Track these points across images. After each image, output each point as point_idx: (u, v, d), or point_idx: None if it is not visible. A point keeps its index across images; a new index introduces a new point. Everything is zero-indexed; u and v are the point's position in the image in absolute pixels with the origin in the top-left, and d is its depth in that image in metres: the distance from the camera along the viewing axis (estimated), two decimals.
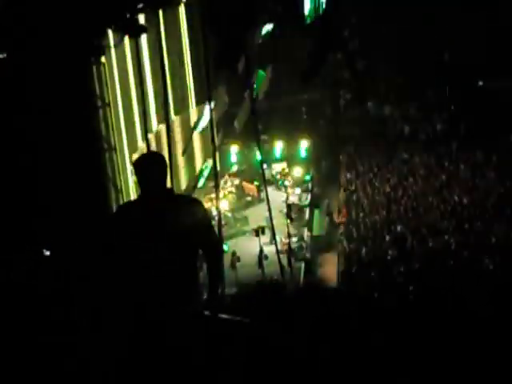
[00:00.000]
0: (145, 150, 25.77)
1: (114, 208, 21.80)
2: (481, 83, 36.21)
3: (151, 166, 5.48)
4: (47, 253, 17.35)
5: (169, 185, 5.63)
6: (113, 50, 23.50)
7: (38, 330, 5.69)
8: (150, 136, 26.50)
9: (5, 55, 16.89)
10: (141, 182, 5.47)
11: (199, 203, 5.69)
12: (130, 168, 25.51)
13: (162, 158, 5.62)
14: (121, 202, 22.64)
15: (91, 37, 19.10)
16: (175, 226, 5.39)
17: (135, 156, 25.64)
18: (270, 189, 27.07)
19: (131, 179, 25.12)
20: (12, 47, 17.14)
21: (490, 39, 35.15)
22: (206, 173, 30.29)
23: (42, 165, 18.10)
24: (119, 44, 23.65)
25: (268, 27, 29.53)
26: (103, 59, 21.49)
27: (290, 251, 26.51)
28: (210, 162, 28.99)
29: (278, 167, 33.04)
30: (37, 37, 16.97)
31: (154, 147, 26.57)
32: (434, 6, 36.85)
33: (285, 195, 30.14)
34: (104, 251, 5.53)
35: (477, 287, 21.00)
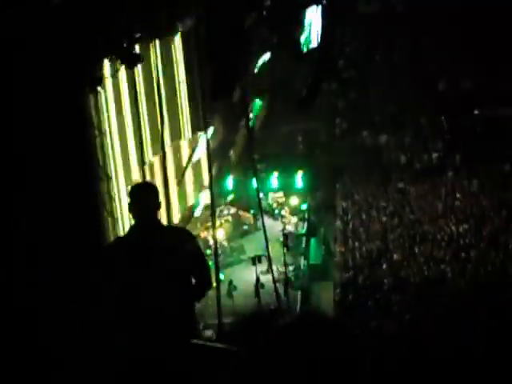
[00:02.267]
0: (140, 180, 25.83)
1: (110, 238, 21.79)
2: (476, 112, 36.40)
3: (144, 196, 5.52)
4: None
5: (164, 215, 5.69)
6: (109, 80, 23.61)
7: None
8: (146, 166, 26.55)
9: None
10: (133, 211, 5.50)
11: (188, 232, 5.75)
12: (125, 198, 25.54)
13: (155, 188, 5.68)
14: (117, 231, 22.64)
15: (88, 67, 19.19)
16: (165, 256, 5.40)
17: (130, 186, 25.65)
18: (266, 218, 27.08)
19: (126, 208, 25.15)
20: (6, 76, 17.19)
21: (486, 68, 35.38)
22: (202, 202, 30.30)
23: (39, 193, 18.09)
24: (116, 74, 23.77)
25: (265, 57, 29.73)
26: (99, 89, 21.58)
27: (286, 280, 26.47)
28: (205, 192, 29.04)
29: (274, 196, 33.11)
30: (33, 65, 17.03)
31: (148, 177, 26.61)
32: (431, 34, 37.18)
33: (281, 224, 30.13)
34: (97, 286, 5.53)
35: (473, 316, 20.97)
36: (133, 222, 5.67)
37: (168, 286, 5.39)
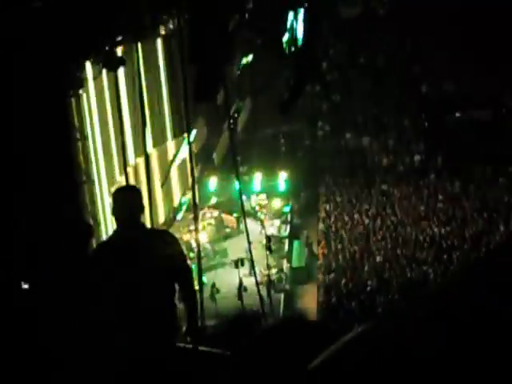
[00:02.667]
0: (123, 183, 25.74)
1: (92, 242, 21.64)
2: (458, 114, 36.57)
3: (128, 199, 5.49)
4: (25, 286, 17.17)
5: (148, 218, 5.67)
6: (91, 83, 23.51)
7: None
8: (128, 169, 26.45)
9: None
10: (117, 214, 5.47)
11: (171, 234, 5.74)
12: (108, 201, 25.46)
13: (139, 191, 5.65)
14: (99, 234, 22.52)
15: (70, 69, 19.10)
16: (150, 258, 5.39)
17: (113, 189, 25.58)
18: (249, 221, 27.05)
19: (108, 210, 25.07)
20: None
21: (470, 71, 35.53)
22: (184, 205, 30.22)
23: (19, 196, 17.97)
24: (98, 76, 23.68)
25: (247, 58, 29.71)
26: (81, 92, 21.50)
27: (269, 283, 26.45)
28: (188, 195, 28.97)
29: (257, 199, 33.08)
30: (14, 67, 16.93)
31: (132, 180, 26.52)
32: (413, 37, 37.33)
33: (263, 227, 30.14)
34: (84, 289, 5.50)
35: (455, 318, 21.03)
36: (115, 225, 5.63)
37: (152, 287, 5.37)
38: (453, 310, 1.77)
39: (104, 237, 23.83)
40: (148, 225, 23.17)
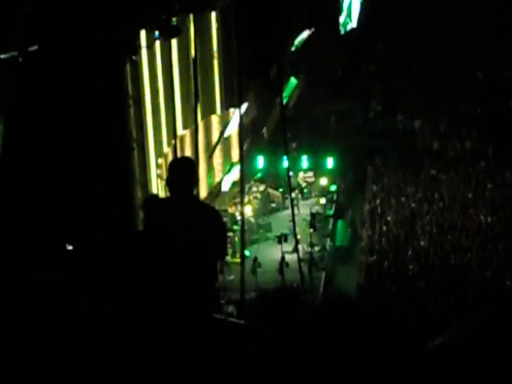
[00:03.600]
0: (170, 154, 25.98)
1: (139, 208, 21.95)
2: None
3: (183, 171, 5.60)
4: (69, 247, 17.47)
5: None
6: (144, 51, 23.65)
7: (63, 328, 5.76)
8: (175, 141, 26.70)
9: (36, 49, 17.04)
10: (171, 185, 5.57)
11: (219, 214, 5.86)
12: (154, 170, 25.74)
13: (194, 164, 5.77)
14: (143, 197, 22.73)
15: (127, 36, 19.24)
16: (198, 231, 5.48)
17: (160, 160, 25.91)
18: (294, 197, 27.07)
19: (154, 180, 25.39)
20: (46, 45, 17.29)
21: None
22: (231, 178, 30.32)
23: (71, 161, 18.25)
24: (152, 45, 23.81)
25: (303, 35, 29.58)
26: (136, 58, 21.64)
27: (311, 260, 26.49)
28: (236, 168, 29.07)
29: (304, 176, 33.07)
30: (71, 34, 17.12)
31: (178, 151, 26.75)
32: (474, 22, 36.78)
33: (309, 203, 30.20)
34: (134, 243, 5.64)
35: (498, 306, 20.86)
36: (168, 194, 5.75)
37: (193, 257, 5.47)
38: None
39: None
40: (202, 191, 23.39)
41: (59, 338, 5.60)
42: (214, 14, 28.77)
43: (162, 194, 26.51)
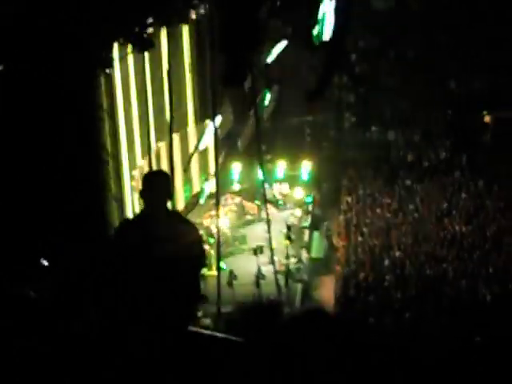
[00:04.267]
0: (145, 166, 25.89)
1: (112, 221, 21.83)
2: (486, 112, 36.32)
3: (158, 184, 5.57)
4: (45, 263, 17.30)
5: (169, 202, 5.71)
6: (117, 64, 23.58)
7: (40, 342, 5.66)
8: (151, 152, 26.66)
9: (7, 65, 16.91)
10: (145, 198, 5.53)
11: (196, 228, 5.82)
12: (129, 182, 25.64)
13: (168, 177, 5.75)
14: (119, 214, 22.64)
15: (99, 49, 19.16)
16: (175, 244, 5.43)
17: (135, 172, 25.82)
18: (269, 209, 27.05)
19: (129, 193, 25.29)
20: (19, 57, 17.17)
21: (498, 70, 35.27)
22: (207, 190, 30.27)
23: (44, 174, 18.10)
24: (124, 57, 23.75)
25: (277, 47, 29.64)
26: (109, 71, 21.56)
27: (287, 272, 26.45)
28: (211, 180, 29.01)
29: (279, 187, 33.08)
30: (44, 46, 17.00)
31: (154, 164, 26.70)
32: (446, 33, 37.10)
33: (284, 215, 30.18)
34: (106, 267, 5.55)
35: (473, 317, 20.98)
36: (142, 208, 5.70)
37: (170, 272, 5.41)
38: None
39: (126, 215, 23.96)
40: (172, 206, 23.30)
41: (30, 356, 5.50)
42: (186, 26, 28.75)
43: (136, 206, 26.40)
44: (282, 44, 29.65)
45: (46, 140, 17.77)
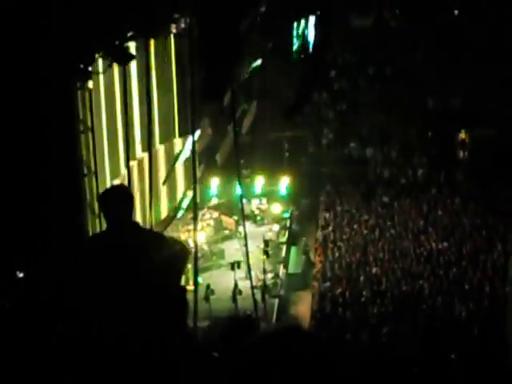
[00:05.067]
0: (125, 180, 25.81)
1: (90, 233, 21.70)
2: (462, 130, 36.57)
3: (116, 200, 5.42)
4: (20, 274, 17.17)
5: (148, 214, 5.64)
6: (101, 76, 23.53)
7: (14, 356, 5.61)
8: (134, 164, 26.57)
9: None
10: (106, 215, 5.42)
11: (164, 238, 5.70)
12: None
13: (128, 191, 5.60)
14: (97, 227, 22.52)
15: (78, 61, 19.10)
16: (147, 261, 5.34)
17: (117, 182, 25.70)
18: (247, 224, 27.03)
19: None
20: None
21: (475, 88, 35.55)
22: (185, 204, 30.21)
23: (20, 186, 17.97)
24: (107, 70, 23.70)
25: (257, 62, 29.73)
26: (90, 85, 21.48)
27: (264, 287, 26.43)
28: (189, 194, 28.98)
29: (257, 203, 33.10)
30: (22, 59, 16.93)
31: (136, 175, 26.66)
32: (424, 51, 37.39)
33: (262, 230, 30.20)
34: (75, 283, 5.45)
35: (448, 333, 21.05)
36: (106, 225, 5.55)
37: (141, 300, 5.32)
38: None
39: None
40: (151, 218, 23.25)
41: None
42: (171, 39, 28.78)
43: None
44: (259, 60, 29.76)
45: (23, 152, 17.67)
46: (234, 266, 26.25)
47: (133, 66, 25.46)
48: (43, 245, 17.54)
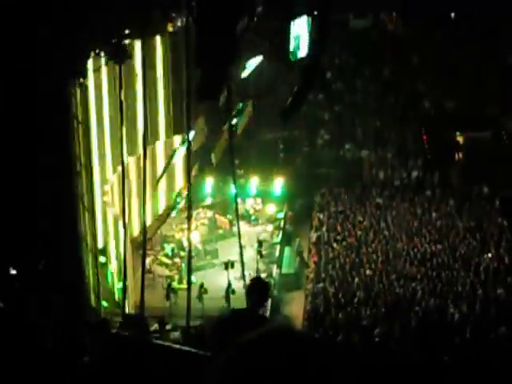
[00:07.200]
0: (116, 181, 25.83)
1: (85, 231, 21.69)
2: (458, 132, 36.67)
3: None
4: (13, 271, 17.16)
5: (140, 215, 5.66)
6: (91, 75, 23.47)
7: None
8: (132, 160, 26.69)
9: None
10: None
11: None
12: (100, 196, 25.60)
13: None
14: (90, 226, 22.51)
15: (73, 59, 19.08)
16: None
17: (107, 187, 25.79)
18: (242, 224, 27.02)
19: (100, 206, 25.29)
20: None
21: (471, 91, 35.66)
22: (179, 203, 30.19)
23: (13, 184, 17.95)
24: (99, 68, 23.68)
25: (252, 62, 29.70)
26: (84, 82, 21.46)
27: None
28: (184, 193, 28.96)
29: (252, 202, 33.10)
30: (18, 55, 16.92)
31: (134, 171, 26.81)
32: (421, 54, 37.48)
33: (256, 230, 30.17)
34: None
35: (441, 335, 21.07)
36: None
37: None
38: None
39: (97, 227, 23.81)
40: (147, 217, 23.27)
41: None
42: (160, 39, 28.71)
43: (108, 218, 26.29)
44: (258, 59, 29.73)
45: (17, 150, 17.65)
46: (228, 265, 26.23)
47: (137, 63, 25.54)
48: (37, 241, 17.53)
